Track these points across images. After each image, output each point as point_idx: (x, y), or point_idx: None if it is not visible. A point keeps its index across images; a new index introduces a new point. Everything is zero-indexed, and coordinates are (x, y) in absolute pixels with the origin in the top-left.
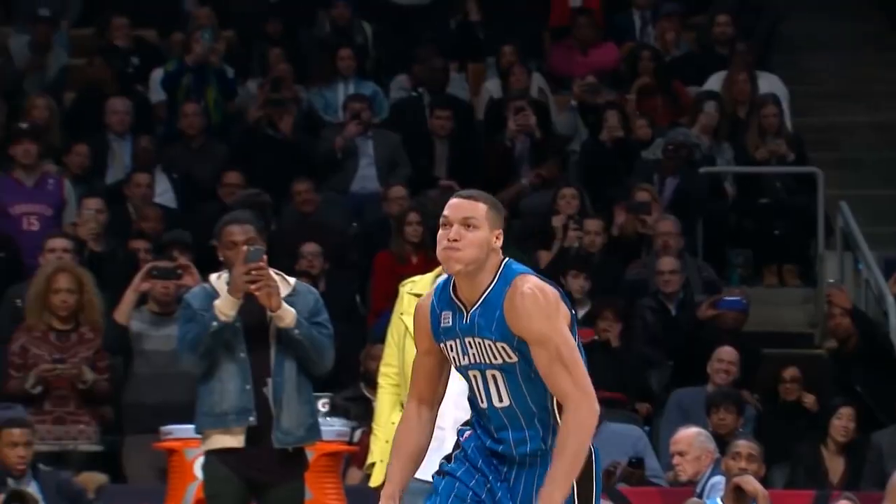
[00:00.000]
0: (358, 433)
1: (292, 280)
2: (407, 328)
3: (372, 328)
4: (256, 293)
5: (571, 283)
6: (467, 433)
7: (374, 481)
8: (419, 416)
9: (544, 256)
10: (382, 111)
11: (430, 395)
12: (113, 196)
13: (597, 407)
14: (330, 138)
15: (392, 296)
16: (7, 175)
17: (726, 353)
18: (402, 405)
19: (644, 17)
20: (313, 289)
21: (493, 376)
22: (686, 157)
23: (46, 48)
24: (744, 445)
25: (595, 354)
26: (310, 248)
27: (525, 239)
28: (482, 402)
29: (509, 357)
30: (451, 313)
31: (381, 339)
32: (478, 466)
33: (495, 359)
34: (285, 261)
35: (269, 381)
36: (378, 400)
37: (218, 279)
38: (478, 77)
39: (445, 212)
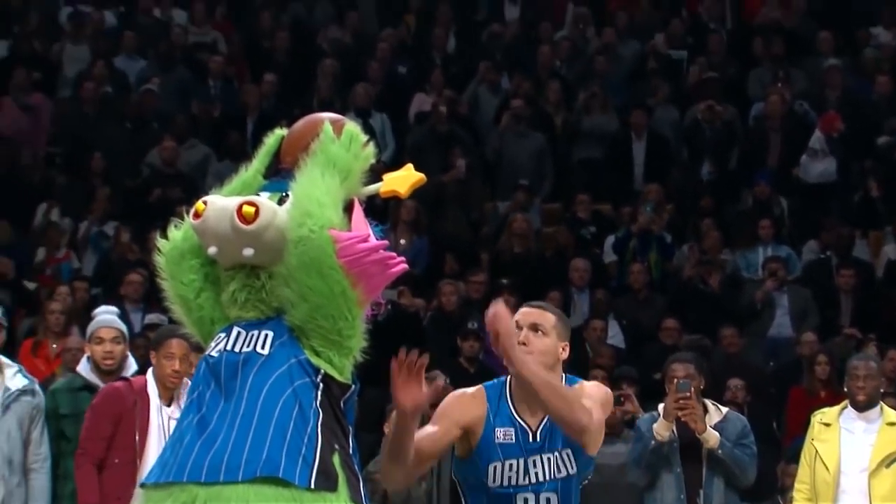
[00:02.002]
0: None
1: (724, 409)
2: (817, 451)
3: (787, 450)
4: (684, 418)
5: None
6: None
7: None
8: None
9: None
10: (796, 270)
11: (419, 454)
12: (574, 337)
13: (588, 432)
14: (751, 292)
15: (804, 424)
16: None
17: None
18: None
19: None
20: (742, 417)
21: (548, 499)
22: None
23: (526, 210)
24: None
25: None
26: (735, 382)
27: None
28: None
29: (570, 468)
30: (513, 431)
31: (795, 459)
32: None
33: (559, 471)
34: (716, 393)
35: (701, 492)
36: None
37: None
38: (878, 242)
39: (516, 317)
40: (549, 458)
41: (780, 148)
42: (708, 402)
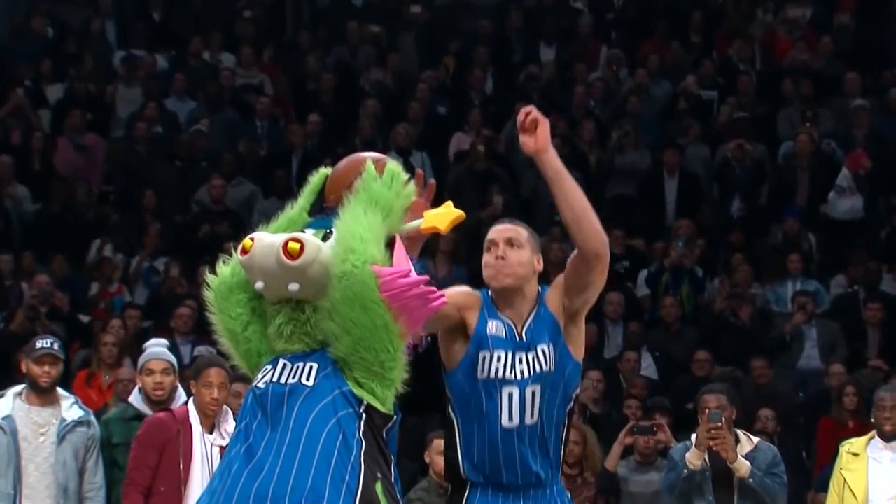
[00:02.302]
0: None
1: (755, 439)
2: (845, 480)
3: (816, 479)
4: (715, 448)
5: None
6: None
7: None
8: None
9: None
10: (824, 304)
11: None
12: (609, 368)
13: (607, 251)
14: (780, 325)
15: (833, 454)
16: None
17: None
18: None
19: None
20: (773, 446)
21: (533, 392)
22: None
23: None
24: None
25: None
26: (765, 412)
27: None
28: (510, 420)
29: (549, 364)
30: (503, 326)
31: (824, 488)
32: None
33: (543, 366)
34: (747, 423)
35: None
36: None
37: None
38: None
39: (489, 236)
40: (533, 356)
41: (809, 185)
42: (739, 431)
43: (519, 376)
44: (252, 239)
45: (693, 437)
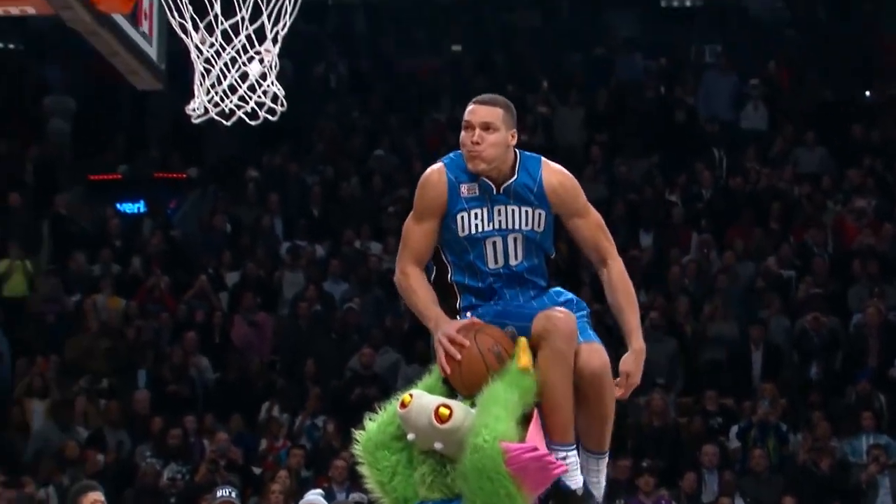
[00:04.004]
0: None
1: None
2: None
3: None
4: None
5: None
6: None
7: None
8: (421, 274)
9: None
10: (894, 456)
11: (422, 260)
12: None
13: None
14: (857, 475)
15: None
16: (633, 497)
17: None
18: None
19: None
20: None
21: (515, 239)
22: None
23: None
24: None
25: None
26: None
27: None
28: (495, 263)
29: (538, 226)
30: (476, 186)
31: None
32: None
33: (525, 225)
34: None
35: None
36: None
37: None
38: None
39: (466, 116)
40: (513, 210)
41: (878, 352)
42: None
43: (499, 226)
44: (411, 395)
45: None
